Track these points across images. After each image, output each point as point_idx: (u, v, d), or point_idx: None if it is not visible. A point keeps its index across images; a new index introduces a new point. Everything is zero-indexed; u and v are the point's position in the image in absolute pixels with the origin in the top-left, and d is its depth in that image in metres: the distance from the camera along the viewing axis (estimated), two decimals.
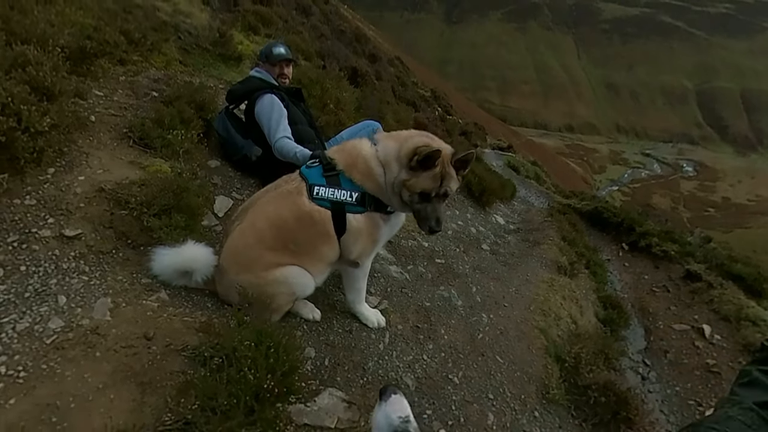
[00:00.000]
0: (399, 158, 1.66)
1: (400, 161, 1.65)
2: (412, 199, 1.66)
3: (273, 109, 2.69)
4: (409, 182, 1.63)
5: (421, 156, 1.58)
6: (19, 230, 1.60)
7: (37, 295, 1.42)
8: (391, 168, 1.68)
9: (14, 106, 1.70)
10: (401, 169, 1.65)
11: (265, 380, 1.13)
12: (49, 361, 1.23)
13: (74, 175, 1.87)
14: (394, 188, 1.67)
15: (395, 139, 1.77)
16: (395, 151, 1.68)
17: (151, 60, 3.56)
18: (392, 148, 1.70)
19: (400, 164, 1.65)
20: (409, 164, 1.62)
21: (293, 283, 1.72)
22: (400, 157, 1.65)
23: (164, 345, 1.38)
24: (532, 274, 3.45)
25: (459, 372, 2.09)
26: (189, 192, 1.82)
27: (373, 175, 1.72)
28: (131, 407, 1.16)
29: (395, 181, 1.66)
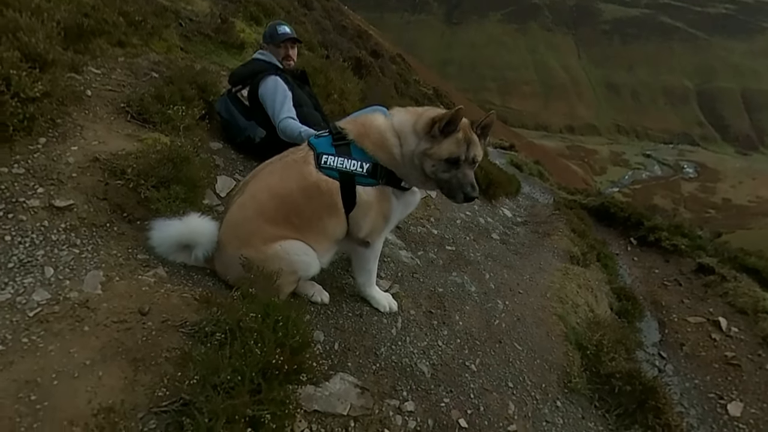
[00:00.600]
0: (416, 131, 1.57)
1: (417, 133, 1.57)
2: (438, 168, 1.55)
3: (277, 90, 2.58)
4: (431, 150, 1.53)
5: (444, 121, 1.50)
6: (5, 199, 1.48)
7: (21, 266, 1.30)
8: (407, 140, 1.58)
9: (3, 71, 1.58)
10: (419, 140, 1.56)
11: (274, 355, 1.00)
12: (31, 334, 1.11)
13: (67, 146, 1.76)
14: (414, 160, 1.57)
15: (410, 113, 1.68)
16: (410, 123, 1.59)
17: (152, 44, 3.45)
18: (407, 120, 1.62)
19: (417, 136, 1.57)
20: (430, 132, 1.53)
21: (294, 260, 1.57)
22: (416, 129, 1.57)
23: (160, 321, 1.25)
24: (545, 262, 3.33)
25: (476, 359, 1.97)
26: (190, 163, 1.70)
27: (387, 146, 1.61)
28: (122, 385, 1.03)
29: (415, 152, 1.56)
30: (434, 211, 3.58)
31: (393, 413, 1.50)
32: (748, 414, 2.93)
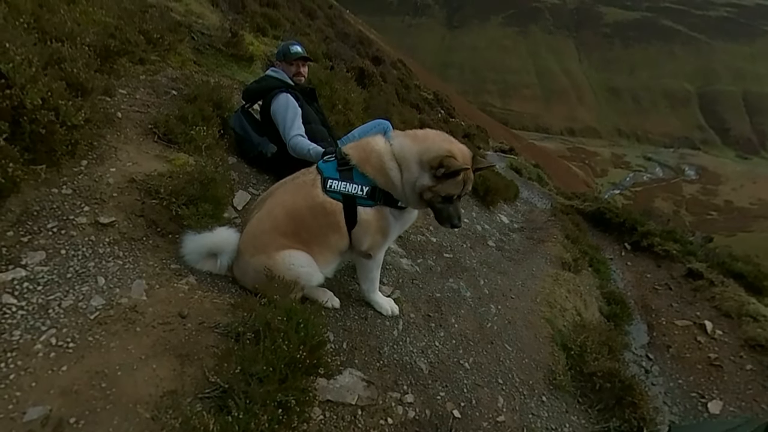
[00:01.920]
0: (421, 162, 1.71)
1: (422, 165, 1.71)
2: (435, 200, 1.74)
3: (288, 107, 2.78)
4: (435, 188, 1.70)
5: (450, 170, 1.66)
6: (58, 217, 1.70)
7: (78, 276, 1.52)
8: (411, 169, 1.73)
9: (53, 101, 1.80)
10: (423, 173, 1.71)
11: (298, 351, 1.22)
12: (94, 334, 1.32)
13: (106, 167, 1.98)
14: (415, 189, 1.73)
15: (413, 139, 1.81)
16: (415, 153, 1.74)
17: (168, 60, 3.68)
18: (411, 148, 1.76)
19: (421, 168, 1.71)
20: (435, 173, 1.68)
21: (297, 270, 1.74)
22: (422, 161, 1.71)
23: (198, 323, 1.47)
24: (537, 269, 3.54)
25: (470, 358, 2.18)
26: (215, 182, 1.91)
27: (385, 170, 1.78)
28: (173, 376, 1.25)
29: (417, 183, 1.72)
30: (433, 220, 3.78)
31: (395, 404, 1.72)
32: (726, 412, 3.13)
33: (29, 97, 1.68)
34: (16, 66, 1.68)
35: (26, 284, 1.42)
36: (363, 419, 1.58)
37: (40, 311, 1.35)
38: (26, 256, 1.51)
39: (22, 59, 1.72)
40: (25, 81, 1.70)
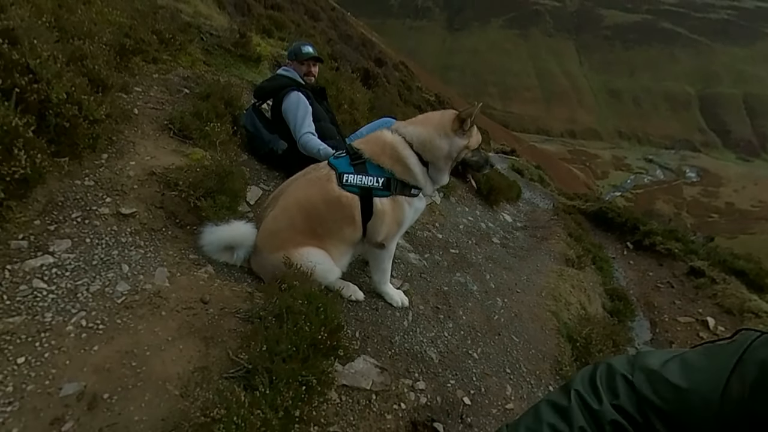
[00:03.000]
0: (446, 133, 1.85)
1: (447, 134, 1.85)
2: (470, 156, 1.90)
3: (299, 105, 2.85)
4: (469, 143, 1.86)
5: (472, 116, 1.83)
6: (81, 207, 1.76)
7: (103, 263, 1.57)
8: (439, 146, 1.85)
9: (76, 96, 1.86)
10: (454, 138, 1.85)
11: (319, 333, 1.27)
12: (122, 317, 1.38)
13: (125, 161, 2.04)
14: (452, 153, 1.87)
15: (420, 124, 1.92)
16: (433, 131, 1.85)
17: (179, 60, 3.75)
18: (425, 131, 1.86)
19: (448, 136, 1.85)
20: (462, 129, 1.84)
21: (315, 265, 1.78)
22: (446, 132, 1.85)
23: (219, 308, 1.52)
24: (541, 265, 3.59)
25: (478, 348, 2.23)
26: (233, 176, 1.97)
27: (402, 159, 1.86)
28: (198, 356, 1.30)
29: (452, 151, 1.86)
30: (439, 217, 3.85)
31: (407, 390, 1.76)
32: None
33: (55, 91, 1.74)
34: (43, 61, 1.74)
35: (55, 270, 1.47)
36: (377, 403, 1.63)
37: (70, 295, 1.40)
38: (53, 244, 1.56)
39: (48, 55, 1.78)
40: (51, 76, 1.76)
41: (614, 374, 0.68)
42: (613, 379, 0.67)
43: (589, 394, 0.67)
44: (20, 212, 1.59)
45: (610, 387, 0.67)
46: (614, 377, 0.67)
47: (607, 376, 0.68)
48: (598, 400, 0.66)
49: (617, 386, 0.66)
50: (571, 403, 0.67)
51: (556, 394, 0.72)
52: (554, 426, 0.66)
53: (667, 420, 0.62)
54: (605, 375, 0.69)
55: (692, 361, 0.65)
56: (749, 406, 0.56)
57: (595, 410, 0.65)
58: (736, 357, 0.60)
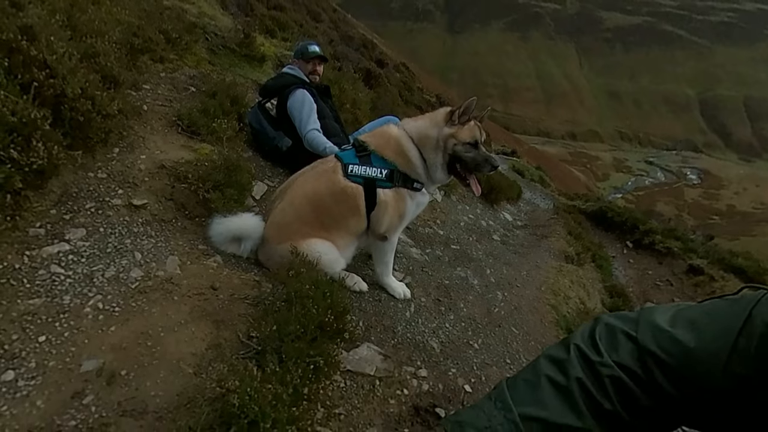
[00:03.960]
0: (436, 123, 1.92)
1: (437, 125, 1.91)
2: (463, 149, 1.90)
3: (304, 103, 2.91)
4: (457, 134, 1.89)
5: (462, 109, 1.87)
6: (95, 198, 1.82)
7: (116, 251, 1.63)
8: (429, 136, 1.91)
9: (90, 92, 1.92)
10: (443, 128, 1.91)
11: (326, 315, 1.32)
12: (136, 301, 1.43)
13: (136, 155, 2.10)
14: (439, 143, 1.90)
15: (420, 118, 2.03)
16: (428, 124, 1.93)
17: (185, 59, 3.82)
18: (423, 125, 1.95)
19: (438, 127, 1.91)
20: (451, 120, 1.89)
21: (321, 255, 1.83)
22: (436, 122, 1.92)
23: (229, 294, 1.58)
24: (541, 261, 3.64)
25: (478, 339, 2.28)
26: (240, 169, 2.03)
27: (404, 152, 1.93)
28: (210, 338, 1.36)
29: (440, 137, 1.90)
30: (440, 215, 3.91)
31: (410, 377, 1.81)
32: None
33: (70, 86, 1.81)
34: (59, 57, 1.80)
35: (71, 256, 1.53)
36: (381, 389, 1.68)
37: (86, 280, 1.46)
38: (69, 232, 1.62)
39: (63, 52, 1.85)
40: (66, 72, 1.82)
41: (614, 331, 0.69)
42: (614, 336, 0.68)
43: (588, 348, 0.69)
44: (37, 202, 1.65)
45: (611, 343, 0.67)
46: (615, 334, 0.68)
47: (607, 333, 0.70)
48: (597, 353, 0.68)
49: (618, 342, 0.67)
50: (570, 355, 0.69)
51: (555, 348, 0.74)
52: (551, 378, 0.69)
53: (672, 373, 0.63)
54: (605, 332, 0.70)
55: (700, 317, 0.65)
56: (757, 362, 0.57)
57: (594, 361, 0.67)
58: (745, 314, 0.61)
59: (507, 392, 0.72)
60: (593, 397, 0.66)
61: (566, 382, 0.68)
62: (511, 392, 0.72)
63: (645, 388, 0.66)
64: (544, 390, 0.69)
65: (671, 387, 0.64)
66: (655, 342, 0.67)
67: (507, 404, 0.70)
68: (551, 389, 0.69)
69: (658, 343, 0.65)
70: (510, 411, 0.68)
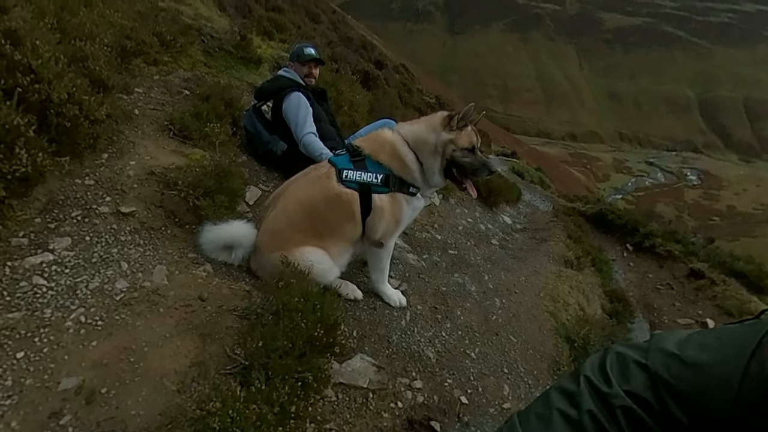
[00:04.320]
0: (433, 127, 1.88)
1: (435, 129, 1.88)
2: (461, 154, 1.87)
3: (300, 106, 2.87)
4: (455, 140, 1.85)
5: (461, 114, 1.84)
6: (82, 206, 1.77)
7: (102, 261, 1.59)
8: (426, 140, 1.88)
9: (77, 97, 1.88)
10: (441, 134, 1.87)
11: (315, 329, 1.28)
12: (120, 314, 1.39)
13: (125, 161, 2.05)
14: (437, 148, 1.87)
15: (416, 122, 1.99)
16: (425, 128, 1.90)
17: (179, 61, 3.78)
18: (419, 129, 1.91)
19: (436, 132, 1.87)
20: (449, 125, 1.85)
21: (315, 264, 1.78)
22: (433, 126, 1.88)
23: (217, 306, 1.53)
24: (540, 266, 3.59)
25: (475, 348, 2.23)
26: (231, 175, 1.99)
27: (400, 156, 1.89)
28: (196, 353, 1.31)
29: (438, 142, 1.86)
30: (438, 219, 3.86)
31: (404, 389, 1.77)
32: None
33: (56, 91, 1.76)
34: (45, 62, 1.76)
35: (54, 267, 1.49)
36: (374, 402, 1.64)
37: (69, 292, 1.41)
38: (53, 242, 1.58)
39: (49, 56, 1.80)
40: (52, 76, 1.78)
41: (626, 361, 0.67)
42: (626, 366, 0.66)
43: (598, 379, 0.67)
44: (21, 210, 1.60)
45: (622, 373, 0.65)
46: (626, 364, 0.67)
47: (618, 363, 0.68)
48: (608, 384, 0.66)
49: (629, 372, 0.65)
50: (580, 388, 0.68)
51: (566, 380, 0.72)
52: (563, 411, 0.67)
53: (685, 403, 0.60)
54: (615, 362, 0.68)
55: (711, 341, 0.63)
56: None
57: (605, 393, 0.65)
58: (759, 336, 0.58)
59: (519, 428, 0.70)
60: (604, 429, 0.64)
61: (578, 416, 0.66)
62: (523, 427, 0.70)
63: (657, 418, 0.63)
64: (556, 424, 0.68)
65: (684, 416, 0.61)
66: (666, 368, 0.64)
67: None
68: (563, 423, 0.68)
69: (669, 369, 0.63)
70: None
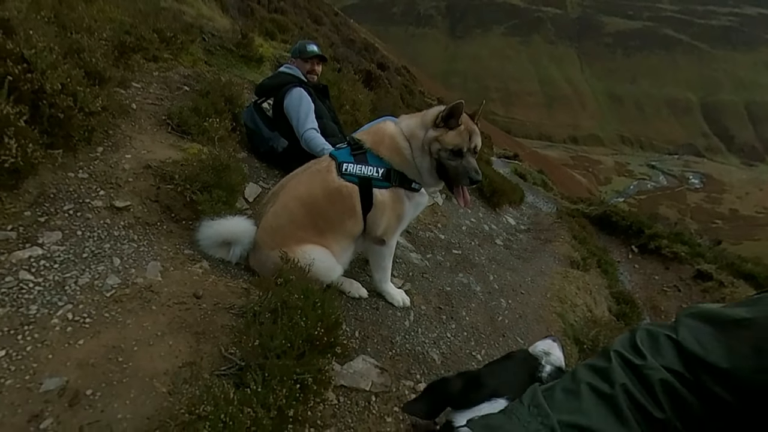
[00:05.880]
0: (424, 123, 1.78)
1: (425, 126, 1.77)
2: (446, 156, 1.74)
3: (302, 102, 2.81)
4: (441, 138, 1.72)
5: (445, 112, 1.70)
6: (74, 200, 1.71)
7: (93, 256, 1.52)
8: (416, 136, 1.78)
9: (71, 88, 1.82)
10: (428, 130, 1.76)
11: (315, 329, 1.21)
12: (110, 311, 1.32)
13: (121, 154, 1.99)
14: (424, 146, 1.76)
15: (415, 116, 1.90)
16: (419, 122, 1.80)
17: (180, 58, 3.73)
18: (415, 121, 1.83)
19: (425, 128, 1.77)
20: (436, 123, 1.74)
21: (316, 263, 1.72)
22: (425, 122, 1.78)
23: (213, 303, 1.46)
24: (546, 266, 3.51)
25: (481, 350, 2.15)
26: (230, 169, 1.92)
27: (399, 150, 1.81)
28: (189, 352, 1.24)
29: (425, 139, 1.75)
30: (441, 218, 3.79)
31: (408, 392, 1.69)
32: None
33: (49, 81, 1.71)
34: (38, 52, 1.71)
35: (43, 262, 1.42)
36: (377, 405, 1.56)
37: (57, 288, 1.35)
38: (43, 236, 1.51)
39: (43, 46, 1.75)
40: (45, 66, 1.72)
41: (657, 335, 0.64)
42: (656, 340, 0.63)
43: (630, 353, 0.63)
44: (10, 203, 1.54)
45: (654, 347, 0.62)
46: (657, 338, 0.63)
47: (649, 338, 0.64)
48: (641, 356, 0.62)
49: (660, 345, 0.62)
50: (612, 363, 0.63)
51: (594, 358, 0.68)
52: (594, 386, 0.62)
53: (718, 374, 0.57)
54: (646, 337, 0.65)
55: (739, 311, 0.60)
56: None
57: (638, 365, 0.61)
58: None
59: (543, 400, 0.64)
60: (641, 406, 0.61)
61: (610, 390, 0.62)
62: (547, 400, 0.64)
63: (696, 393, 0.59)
64: (584, 398, 0.63)
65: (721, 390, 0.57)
66: (697, 341, 0.60)
67: (544, 410, 0.64)
68: (594, 397, 0.63)
69: (700, 341, 0.60)
70: (547, 417, 0.62)
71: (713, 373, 0.57)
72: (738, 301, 0.65)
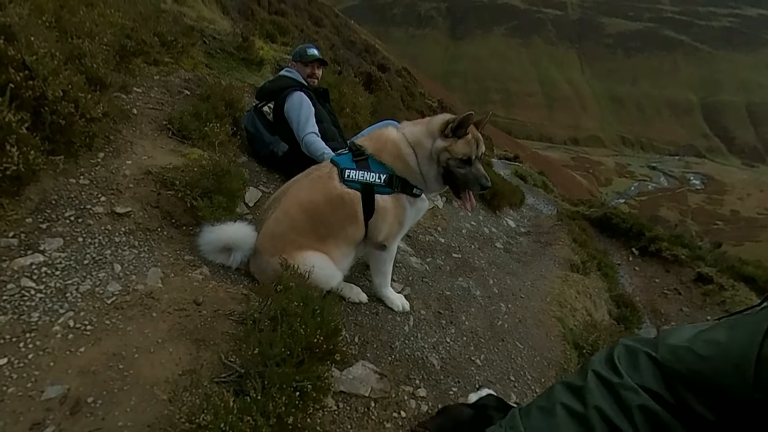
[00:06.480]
0: (431, 132, 1.78)
1: (432, 134, 1.78)
2: (456, 164, 1.77)
3: (302, 106, 2.82)
4: (450, 148, 1.75)
5: (456, 123, 1.72)
6: (75, 206, 1.72)
7: (95, 263, 1.53)
8: (424, 145, 1.78)
9: (73, 94, 1.84)
10: (435, 139, 1.77)
11: (315, 336, 1.21)
12: (111, 318, 1.33)
13: (122, 160, 2.00)
14: (433, 158, 1.77)
15: (419, 123, 1.90)
16: (425, 130, 1.80)
17: (181, 62, 3.75)
18: (420, 129, 1.83)
19: (432, 137, 1.77)
20: (443, 133, 1.75)
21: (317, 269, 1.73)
22: (431, 131, 1.78)
23: (213, 310, 1.47)
24: (546, 270, 3.52)
25: (481, 355, 2.15)
26: (230, 175, 1.93)
27: (402, 156, 1.82)
28: (189, 360, 1.25)
29: (433, 149, 1.76)
30: (441, 221, 3.79)
31: (407, 398, 1.69)
32: None
33: (51, 88, 1.72)
34: (40, 58, 1.72)
35: (44, 269, 1.43)
36: (376, 411, 1.56)
37: (58, 295, 1.36)
38: (44, 242, 1.52)
39: (45, 52, 1.76)
40: (47, 73, 1.74)
41: (636, 352, 0.63)
42: (635, 357, 0.62)
43: (606, 371, 0.62)
44: (12, 210, 1.55)
45: (631, 364, 0.62)
46: (636, 355, 0.62)
47: (627, 354, 0.63)
48: (617, 374, 0.61)
49: (639, 363, 0.61)
50: (587, 382, 0.62)
51: (572, 376, 0.68)
52: (567, 405, 0.62)
53: (701, 393, 0.57)
54: (624, 353, 0.64)
55: (721, 330, 0.60)
56: None
57: (614, 383, 0.60)
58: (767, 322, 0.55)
59: (519, 420, 0.65)
60: (616, 428, 0.58)
61: (583, 410, 0.61)
62: (523, 420, 0.65)
63: (676, 413, 0.57)
64: (558, 418, 0.64)
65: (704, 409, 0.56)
66: (679, 361, 0.61)
67: (518, 430, 0.66)
68: (567, 417, 0.64)
69: (682, 361, 0.60)
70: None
71: (695, 391, 0.56)
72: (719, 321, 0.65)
